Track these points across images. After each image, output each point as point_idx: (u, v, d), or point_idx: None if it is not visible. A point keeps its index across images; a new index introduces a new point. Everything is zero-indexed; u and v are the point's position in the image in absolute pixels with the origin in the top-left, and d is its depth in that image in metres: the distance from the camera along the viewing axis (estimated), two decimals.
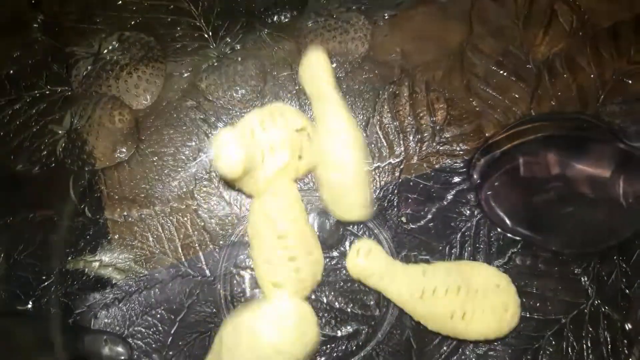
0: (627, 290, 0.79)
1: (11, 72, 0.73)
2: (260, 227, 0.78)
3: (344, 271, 0.82)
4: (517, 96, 0.85)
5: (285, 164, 0.80)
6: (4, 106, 0.74)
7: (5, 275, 0.77)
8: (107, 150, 0.83)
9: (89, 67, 0.79)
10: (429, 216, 0.85)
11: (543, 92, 0.83)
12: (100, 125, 0.82)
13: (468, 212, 0.85)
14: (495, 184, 0.83)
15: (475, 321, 0.77)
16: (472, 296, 0.78)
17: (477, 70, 0.84)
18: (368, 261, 0.79)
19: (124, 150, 0.83)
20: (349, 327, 0.84)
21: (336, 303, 0.84)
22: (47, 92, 0.77)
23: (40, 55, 0.75)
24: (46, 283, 0.80)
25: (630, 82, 0.78)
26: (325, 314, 0.83)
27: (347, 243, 0.84)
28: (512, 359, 0.82)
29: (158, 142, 0.85)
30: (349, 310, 0.84)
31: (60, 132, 0.80)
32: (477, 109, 0.86)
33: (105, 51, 0.79)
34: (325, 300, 0.83)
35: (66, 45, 0.77)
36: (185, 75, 0.85)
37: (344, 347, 0.80)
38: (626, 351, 0.77)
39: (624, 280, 0.80)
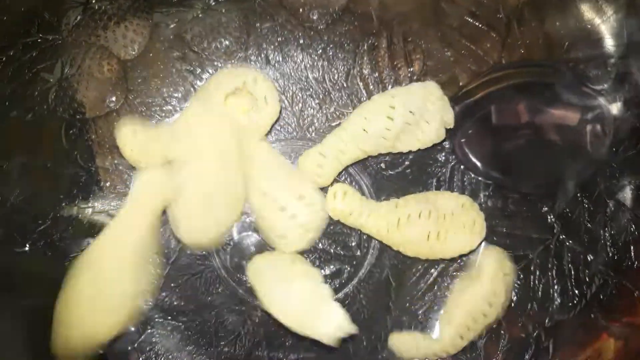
0: (589, 224, 0.85)
1: (4, 19, 0.74)
2: (248, 191, 0.83)
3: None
4: (489, 45, 0.88)
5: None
6: None
7: (3, 218, 0.79)
8: (97, 99, 0.85)
9: (79, 17, 0.81)
10: (406, 163, 0.89)
11: (513, 41, 0.87)
12: (90, 74, 0.84)
13: (443, 158, 0.89)
14: (469, 131, 0.87)
15: (449, 239, 0.83)
16: (442, 218, 0.84)
17: (451, 21, 0.88)
18: (345, 203, 0.83)
19: (113, 99, 0.85)
20: (332, 267, 0.88)
21: (320, 244, 0.88)
22: (39, 40, 0.79)
23: (32, 3, 0.77)
24: (42, 227, 0.83)
25: (590, 27, 0.82)
26: (310, 255, 0.88)
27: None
28: None
29: (146, 92, 0.87)
30: (332, 251, 0.89)
31: (51, 80, 0.82)
32: (452, 59, 0.89)
33: (94, 1, 0.81)
34: None
35: None
36: (171, 26, 0.87)
37: (327, 285, 0.84)
38: (587, 280, 0.83)
39: (587, 215, 0.85)
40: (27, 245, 0.82)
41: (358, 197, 0.85)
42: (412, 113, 0.83)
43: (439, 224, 0.83)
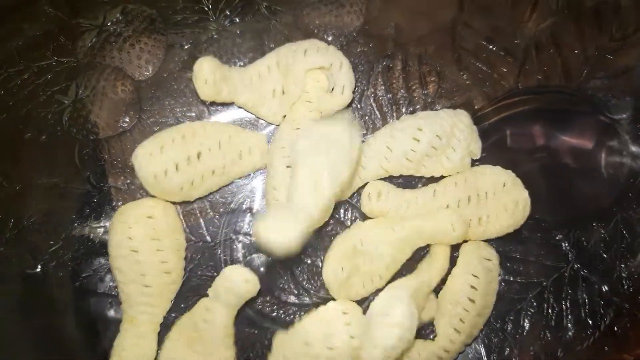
0: (605, 255, 0.84)
1: (20, 43, 0.75)
2: (274, 156, 0.82)
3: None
4: (505, 70, 0.88)
5: (291, 102, 0.83)
6: (13, 76, 0.75)
7: (15, 240, 0.79)
8: (111, 119, 0.85)
9: (94, 39, 0.81)
10: (419, 185, 0.88)
11: (530, 67, 0.86)
12: (104, 95, 0.84)
13: None
14: (483, 154, 0.86)
15: (491, 223, 0.82)
16: (482, 201, 0.83)
17: (467, 45, 0.87)
18: (380, 202, 0.82)
19: (127, 120, 0.85)
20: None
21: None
22: (54, 63, 0.79)
23: (48, 27, 0.77)
24: (54, 248, 0.83)
25: (611, 57, 0.81)
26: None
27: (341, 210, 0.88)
28: (495, 320, 0.87)
29: (159, 112, 0.87)
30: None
31: (65, 101, 0.82)
32: (467, 82, 0.89)
33: (109, 23, 0.81)
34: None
35: (72, 18, 0.78)
36: (186, 47, 0.87)
37: None
38: (602, 311, 0.82)
39: (602, 245, 0.84)
40: (39, 267, 0.82)
41: (393, 192, 0.83)
42: (439, 138, 0.82)
43: (480, 207, 0.82)
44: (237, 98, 0.84)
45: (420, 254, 0.85)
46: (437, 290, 0.84)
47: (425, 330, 0.84)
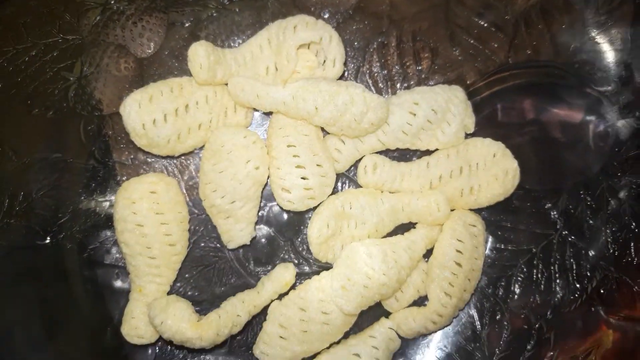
0: (591, 221, 0.87)
1: (27, 20, 0.77)
2: (273, 137, 0.84)
3: None
4: (496, 46, 0.90)
5: (284, 79, 0.85)
6: (21, 53, 0.77)
7: (25, 212, 0.81)
8: (114, 96, 0.87)
9: (98, 17, 0.82)
10: (414, 159, 0.91)
11: (520, 42, 0.89)
12: (108, 72, 0.86)
13: None
14: (475, 128, 0.89)
15: (482, 192, 0.85)
16: (474, 172, 0.86)
17: (460, 22, 0.90)
18: (376, 174, 0.86)
19: None
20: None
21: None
22: (60, 40, 0.81)
23: (54, 4, 0.79)
24: (62, 220, 0.86)
25: (597, 31, 0.84)
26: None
27: (339, 183, 0.91)
28: (487, 286, 0.91)
29: None
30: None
31: (71, 78, 0.84)
32: (460, 58, 0.92)
33: (113, 1, 0.83)
34: None
35: None
36: (187, 25, 0.89)
37: None
38: (589, 274, 0.86)
39: (589, 212, 0.88)
40: (48, 238, 0.85)
41: (389, 164, 0.87)
42: (435, 112, 0.85)
43: (471, 177, 0.86)
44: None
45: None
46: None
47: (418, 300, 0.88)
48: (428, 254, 0.87)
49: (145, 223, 0.82)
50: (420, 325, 0.85)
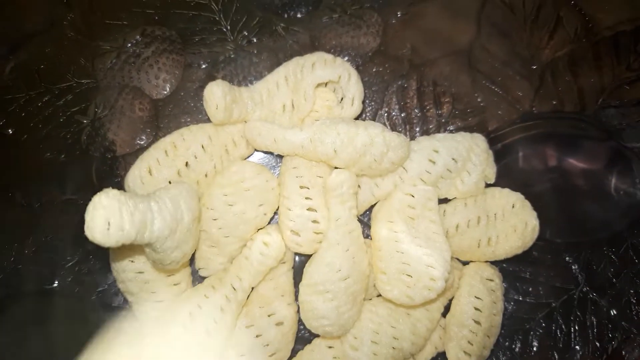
0: (614, 279, 0.85)
1: (42, 66, 0.75)
2: (287, 176, 0.82)
3: None
4: (520, 94, 0.88)
5: (301, 117, 0.84)
6: (35, 99, 0.76)
7: (34, 256, 0.80)
8: (128, 137, 0.86)
9: (113, 60, 0.81)
10: None
11: (545, 92, 0.87)
12: (122, 114, 0.85)
13: None
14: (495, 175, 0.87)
15: (500, 243, 0.84)
16: (492, 222, 0.84)
17: (483, 68, 0.87)
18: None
19: (144, 137, 0.86)
20: None
21: None
22: (74, 85, 0.80)
23: (69, 50, 0.77)
24: (71, 263, 0.84)
25: (628, 87, 0.82)
26: None
27: None
28: (504, 339, 0.88)
29: (176, 129, 0.86)
30: None
31: (84, 121, 0.83)
32: (482, 104, 0.90)
33: (129, 45, 0.81)
34: None
35: (92, 40, 0.79)
36: (204, 66, 0.87)
37: None
38: (610, 335, 0.83)
39: (612, 269, 0.85)
40: (56, 281, 0.83)
41: None
42: (455, 161, 0.82)
43: (489, 228, 0.84)
44: (248, 118, 0.85)
45: None
46: (444, 316, 0.85)
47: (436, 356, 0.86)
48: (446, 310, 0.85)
49: (145, 269, 0.80)
50: None
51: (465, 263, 0.88)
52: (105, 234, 0.60)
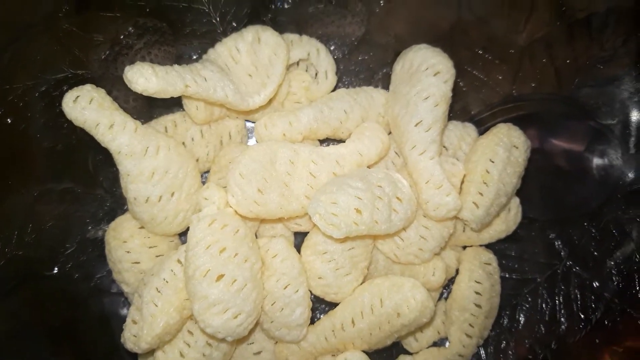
0: (596, 253, 0.88)
1: (38, 57, 0.78)
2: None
3: None
4: (500, 77, 0.91)
5: (280, 101, 0.88)
6: (32, 89, 0.78)
7: (33, 243, 0.82)
8: None
9: (107, 52, 0.83)
10: None
11: (524, 75, 0.90)
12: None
13: None
14: None
15: (485, 229, 0.87)
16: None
17: (464, 54, 0.90)
18: None
19: None
20: None
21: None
22: (69, 75, 0.82)
23: (64, 41, 0.80)
24: (69, 250, 0.87)
25: (602, 67, 0.85)
26: None
27: None
28: None
29: None
30: None
31: None
32: (464, 89, 0.93)
33: (122, 36, 0.84)
34: None
35: (87, 32, 0.81)
36: (194, 57, 0.90)
37: None
38: (593, 305, 0.86)
39: (593, 244, 0.88)
40: (56, 268, 0.85)
41: None
42: (446, 149, 0.86)
43: None
44: (230, 113, 0.88)
45: None
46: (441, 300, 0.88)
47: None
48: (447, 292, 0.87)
49: (141, 259, 0.83)
50: None
51: None
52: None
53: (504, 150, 0.83)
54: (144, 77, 0.72)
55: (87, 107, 0.72)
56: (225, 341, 0.77)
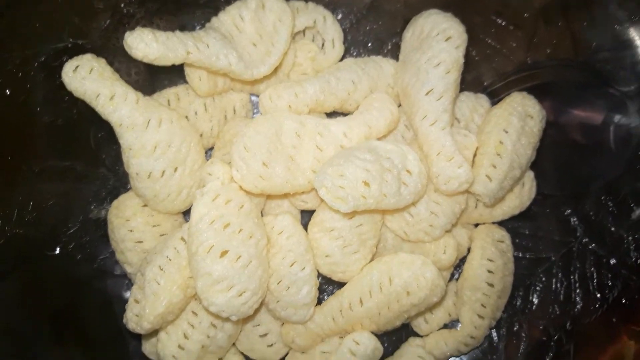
0: (613, 228, 0.84)
1: (37, 25, 0.75)
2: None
3: None
4: (514, 45, 0.88)
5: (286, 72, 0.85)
6: (30, 59, 0.76)
7: (35, 222, 0.80)
8: None
9: (108, 21, 0.81)
10: None
11: (539, 40, 0.86)
12: None
13: None
14: None
15: (497, 204, 0.84)
16: None
17: (477, 20, 0.87)
18: None
19: None
20: None
21: None
22: (70, 46, 0.79)
23: (63, 7, 0.77)
24: (72, 230, 0.85)
25: (619, 28, 0.80)
26: None
27: None
28: None
29: None
30: None
31: None
32: (477, 58, 0.89)
33: (123, 5, 0.81)
34: None
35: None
36: (197, 27, 0.87)
37: None
38: (610, 283, 0.83)
39: (610, 218, 0.85)
40: (58, 248, 0.84)
41: None
42: (458, 121, 0.83)
43: None
44: (234, 84, 0.85)
45: None
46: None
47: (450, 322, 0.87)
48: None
49: (144, 238, 0.81)
50: (453, 348, 0.84)
51: None
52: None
53: (518, 120, 0.79)
54: (145, 43, 0.70)
55: (87, 77, 0.70)
56: (230, 321, 0.75)
